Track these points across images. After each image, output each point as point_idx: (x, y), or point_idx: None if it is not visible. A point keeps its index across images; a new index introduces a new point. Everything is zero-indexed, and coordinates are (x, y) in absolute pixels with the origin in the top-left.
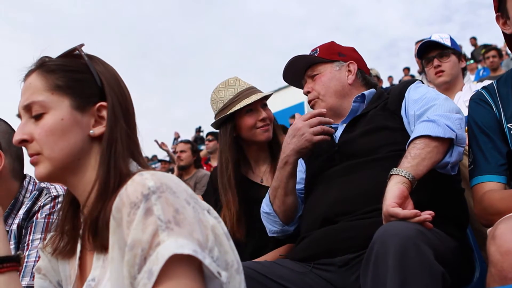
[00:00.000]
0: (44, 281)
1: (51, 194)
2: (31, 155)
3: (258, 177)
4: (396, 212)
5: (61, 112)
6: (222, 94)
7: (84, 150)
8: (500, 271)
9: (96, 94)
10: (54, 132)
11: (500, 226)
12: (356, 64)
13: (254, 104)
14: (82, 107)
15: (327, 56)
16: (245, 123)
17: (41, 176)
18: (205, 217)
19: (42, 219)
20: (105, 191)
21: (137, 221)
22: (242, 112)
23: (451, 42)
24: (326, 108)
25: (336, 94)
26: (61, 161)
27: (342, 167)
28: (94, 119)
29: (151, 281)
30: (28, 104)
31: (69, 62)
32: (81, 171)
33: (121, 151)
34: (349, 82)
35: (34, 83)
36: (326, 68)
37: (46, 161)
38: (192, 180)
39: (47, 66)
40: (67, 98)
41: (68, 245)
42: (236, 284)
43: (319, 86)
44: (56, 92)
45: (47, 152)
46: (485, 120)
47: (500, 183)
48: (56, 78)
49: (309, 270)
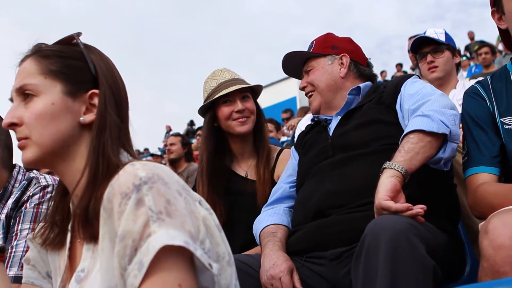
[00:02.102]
0: (32, 272)
1: (40, 184)
2: (20, 139)
3: (243, 171)
4: (388, 206)
5: (52, 96)
6: (208, 84)
7: (74, 137)
8: (492, 265)
9: (89, 81)
10: (43, 116)
11: (493, 220)
12: (348, 56)
13: (232, 95)
14: (73, 93)
15: (320, 50)
16: (222, 113)
17: (28, 160)
18: (196, 208)
19: (31, 209)
20: (94, 180)
21: (128, 212)
22: (220, 102)
23: (446, 37)
24: (320, 102)
25: (328, 88)
26: (49, 146)
27: (335, 160)
28: (86, 106)
29: (142, 273)
30: (21, 87)
31: (65, 48)
32: (70, 158)
33: (110, 140)
34: (341, 75)
35: (28, 67)
36: (318, 63)
37: (34, 146)
38: (184, 173)
39: (42, 52)
40: (60, 83)
41: (58, 236)
42: (228, 276)
43: (311, 80)
44: (49, 76)
45: (35, 137)
46: (479, 113)
47: (493, 174)
48: (50, 63)
49: (301, 264)
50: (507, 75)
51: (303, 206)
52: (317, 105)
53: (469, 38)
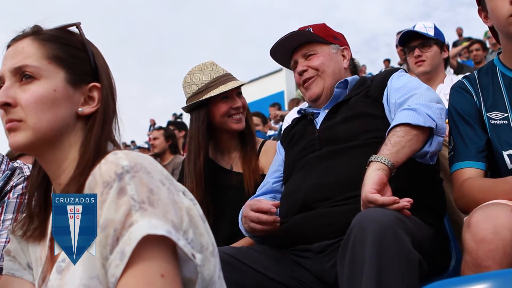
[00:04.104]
0: (13, 264)
1: (24, 174)
2: (11, 120)
3: (228, 164)
4: (375, 198)
5: (55, 82)
6: (197, 77)
7: (69, 126)
8: (474, 259)
9: (89, 73)
10: (44, 101)
11: (476, 214)
12: (350, 50)
13: (230, 92)
14: (75, 83)
15: (324, 37)
16: (219, 110)
17: (18, 144)
18: (180, 198)
19: (14, 199)
20: (83, 171)
21: (109, 201)
22: (217, 98)
23: (435, 31)
24: (323, 88)
25: (334, 75)
26: (44, 132)
27: (321, 153)
28: (84, 98)
29: (123, 262)
30: (20, 67)
31: (68, 36)
32: (60, 147)
33: (107, 133)
34: (344, 66)
35: (28, 48)
36: (323, 49)
37: (29, 130)
38: (170, 166)
39: (44, 35)
40: (63, 70)
41: (38, 228)
42: (211, 266)
43: (318, 64)
44: (53, 62)
45: (32, 121)
46: (465, 108)
47: (479, 169)
48: (54, 48)
49: (287, 256)
50: (494, 70)
51: (289, 199)
52: (320, 90)
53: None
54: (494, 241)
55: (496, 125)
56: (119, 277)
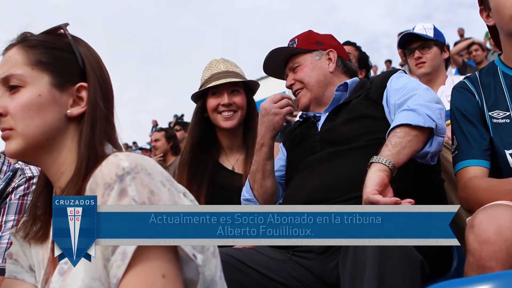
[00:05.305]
0: (15, 266)
1: (25, 175)
2: (4, 129)
3: (230, 164)
4: (376, 200)
5: (39, 88)
6: (204, 73)
7: (60, 129)
8: (478, 260)
9: (76, 74)
10: (30, 107)
11: (479, 215)
12: (335, 52)
13: (221, 88)
14: (61, 85)
15: (306, 46)
16: (209, 104)
17: (12, 152)
18: (180, 199)
19: (16, 200)
20: (80, 173)
21: (111, 202)
22: (210, 93)
23: (435, 32)
24: (310, 99)
25: (319, 83)
26: (35, 138)
27: (323, 154)
28: (73, 99)
29: (125, 263)
30: (6, 77)
31: (52, 39)
32: (55, 151)
33: (99, 134)
34: (330, 70)
35: (14, 56)
36: (306, 59)
37: (19, 137)
38: (172, 167)
39: (29, 41)
40: (47, 74)
41: (40, 230)
42: (212, 267)
43: (301, 77)
44: (36, 67)
45: (21, 128)
46: (467, 108)
47: (484, 167)
48: (37, 53)
49: (288, 257)
50: (495, 70)
51: (291, 200)
52: (307, 101)
53: (459, 35)
54: (497, 242)
55: (498, 124)
56: (120, 278)
